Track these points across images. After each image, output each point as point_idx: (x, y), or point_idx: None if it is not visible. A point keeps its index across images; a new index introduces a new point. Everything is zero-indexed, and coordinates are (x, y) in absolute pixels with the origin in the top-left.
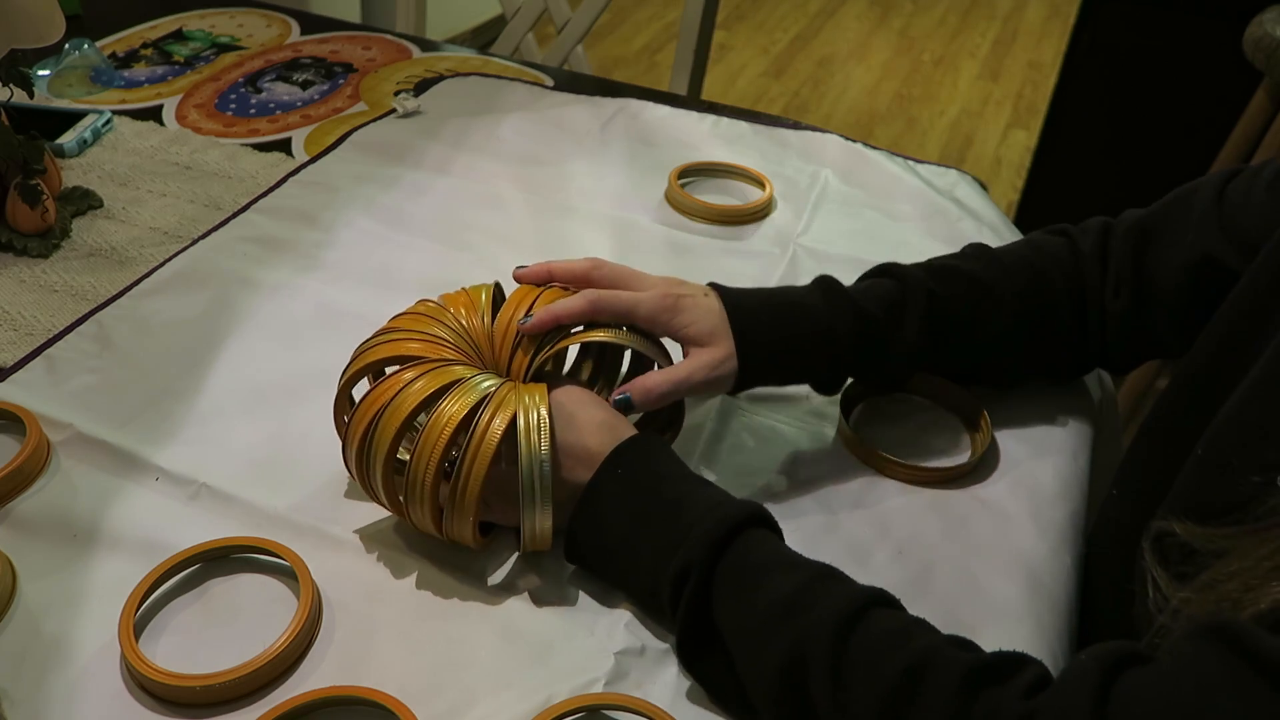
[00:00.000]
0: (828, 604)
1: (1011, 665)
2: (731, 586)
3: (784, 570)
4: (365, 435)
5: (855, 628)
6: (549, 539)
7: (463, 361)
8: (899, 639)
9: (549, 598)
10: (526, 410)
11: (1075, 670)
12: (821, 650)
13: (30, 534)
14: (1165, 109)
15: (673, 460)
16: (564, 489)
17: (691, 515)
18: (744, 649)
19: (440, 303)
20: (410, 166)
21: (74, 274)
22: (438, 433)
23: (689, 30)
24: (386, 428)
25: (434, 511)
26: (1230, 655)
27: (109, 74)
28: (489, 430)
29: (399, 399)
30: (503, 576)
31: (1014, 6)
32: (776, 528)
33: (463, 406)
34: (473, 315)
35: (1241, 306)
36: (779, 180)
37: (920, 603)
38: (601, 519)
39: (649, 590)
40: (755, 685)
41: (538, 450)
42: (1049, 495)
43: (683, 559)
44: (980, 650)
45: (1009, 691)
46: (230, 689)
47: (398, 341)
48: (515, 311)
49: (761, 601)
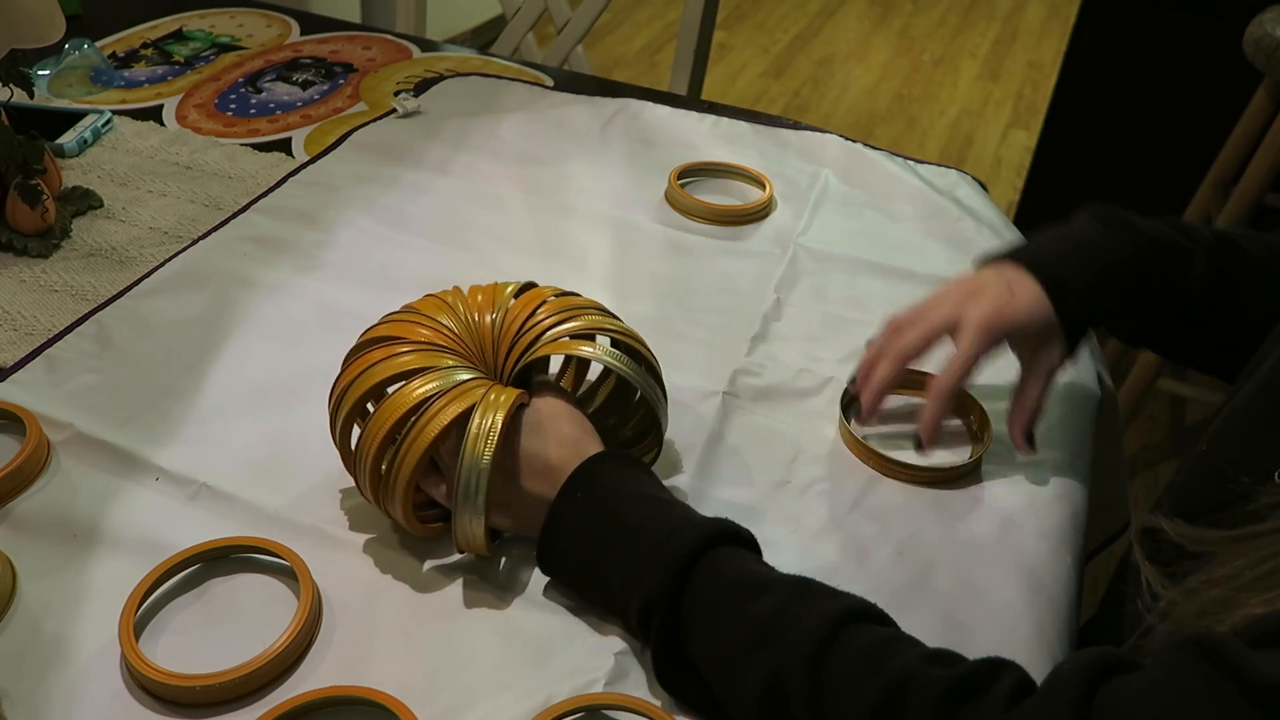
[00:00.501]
0: (801, 627)
1: (988, 674)
2: (701, 618)
3: (753, 594)
4: (341, 392)
5: (830, 651)
6: (481, 544)
7: (457, 353)
8: (875, 660)
9: (549, 598)
10: (483, 412)
11: (1056, 679)
12: (799, 679)
13: (30, 534)
14: (1165, 109)
15: (638, 479)
16: (519, 496)
17: (650, 546)
18: (720, 679)
19: (464, 294)
20: (410, 166)
21: (74, 274)
22: (392, 409)
23: (689, 30)
24: (358, 389)
25: (373, 484)
26: (1213, 672)
27: (109, 74)
28: (435, 418)
29: (378, 366)
30: (503, 576)
31: (1014, 6)
32: (745, 538)
33: (426, 391)
34: (486, 312)
35: None
36: (779, 180)
37: (920, 603)
38: (564, 547)
39: (620, 616)
40: (736, 713)
41: (479, 456)
42: (1049, 495)
43: (645, 593)
44: (960, 661)
45: (988, 703)
46: (230, 689)
47: (410, 324)
48: (511, 313)
49: (733, 631)
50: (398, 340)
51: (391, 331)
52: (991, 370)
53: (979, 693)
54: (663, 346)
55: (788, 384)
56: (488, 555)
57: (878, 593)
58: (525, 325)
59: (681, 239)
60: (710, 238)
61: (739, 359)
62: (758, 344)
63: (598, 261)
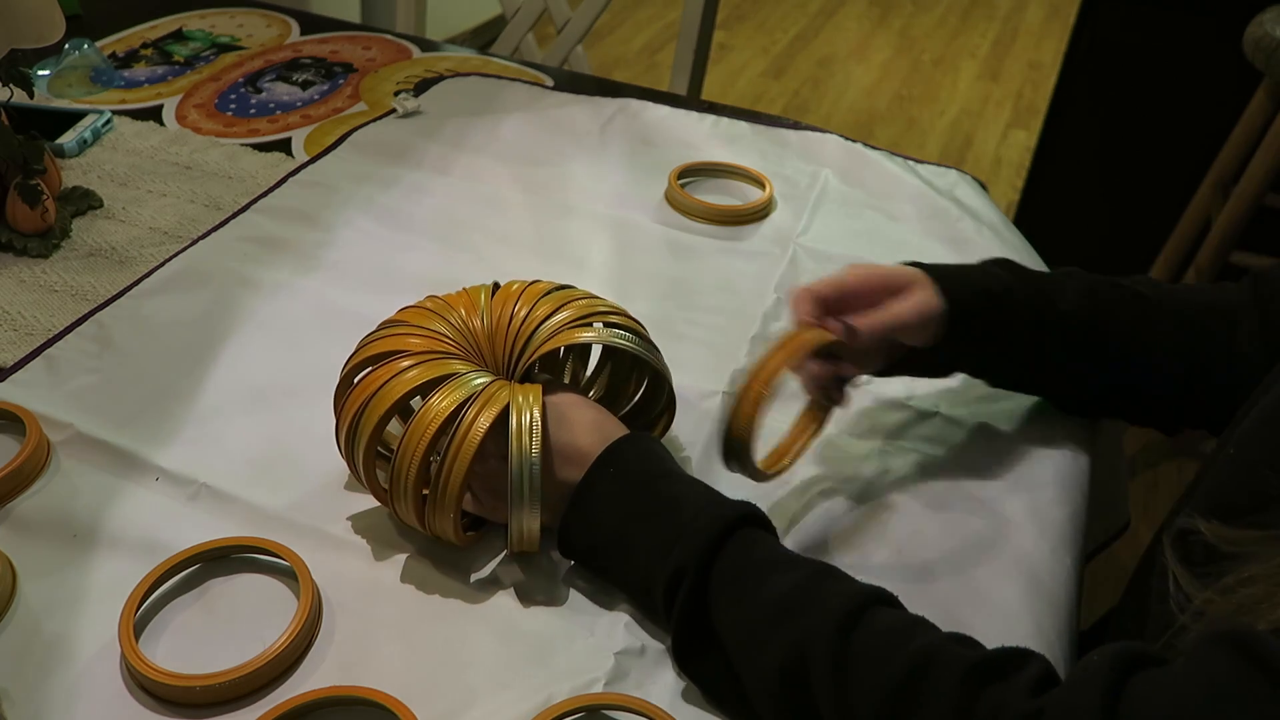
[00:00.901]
0: (828, 603)
1: (1015, 661)
2: (728, 586)
3: (782, 569)
4: (353, 420)
5: (856, 627)
6: (536, 540)
7: (460, 357)
8: (901, 637)
9: (549, 598)
10: (519, 410)
11: (1085, 669)
12: (823, 650)
13: (30, 534)
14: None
15: (665, 458)
16: (555, 488)
17: (684, 514)
18: (743, 649)
19: (445, 300)
20: (410, 166)
21: (74, 274)
22: (424, 427)
23: (689, 30)
24: (373, 414)
25: (416, 505)
26: (1243, 663)
27: (109, 74)
28: (474, 427)
29: (389, 386)
30: (503, 577)
31: (1014, 6)
32: (771, 527)
33: (451, 402)
34: (472, 315)
35: None
36: (779, 180)
37: (920, 603)
38: (593, 518)
39: (643, 589)
40: (755, 686)
41: (529, 452)
42: (1049, 495)
43: (677, 559)
44: (983, 647)
45: (1013, 688)
46: (230, 689)
47: (400, 336)
48: (506, 309)
49: (760, 601)
50: (397, 355)
51: (386, 347)
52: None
53: (1004, 676)
54: (663, 346)
55: (787, 384)
56: (537, 552)
57: None
58: (524, 321)
59: (681, 239)
60: (710, 238)
61: (739, 359)
62: (758, 344)
63: (598, 261)
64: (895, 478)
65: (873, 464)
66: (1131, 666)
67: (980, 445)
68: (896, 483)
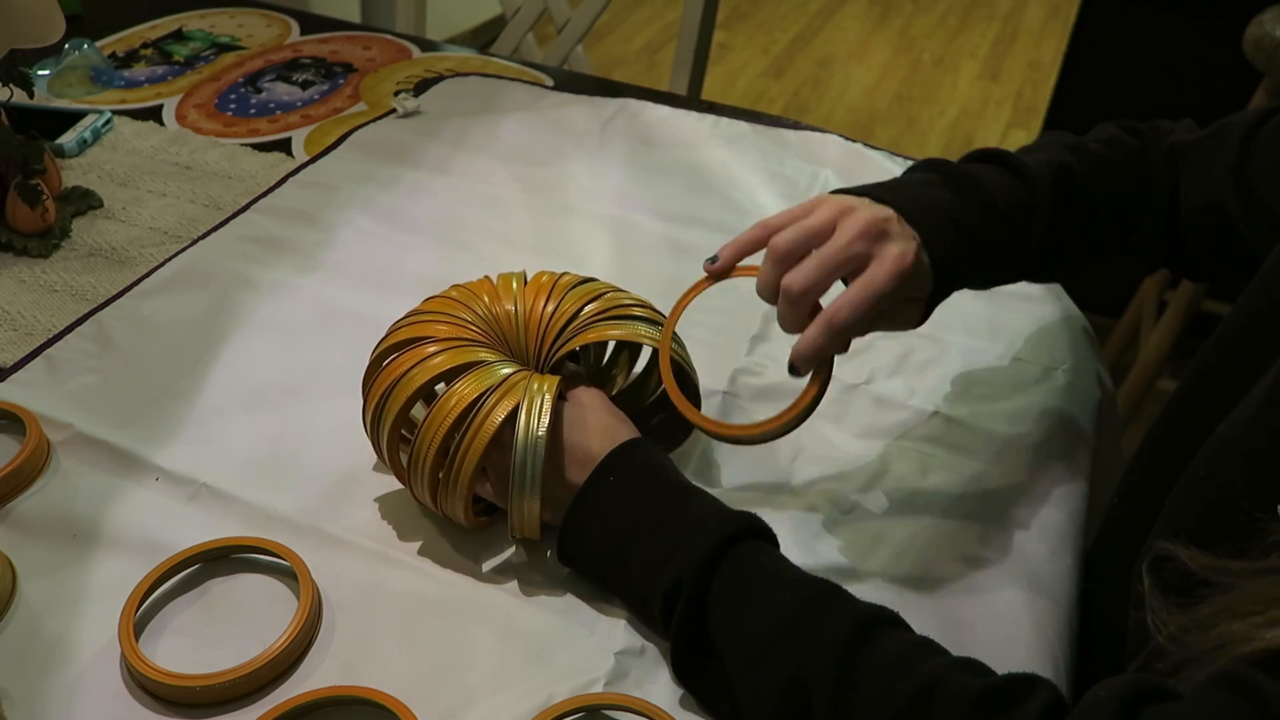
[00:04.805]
0: (831, 624)
1: (1021, 689)
2: (728, 604)
3: (784, 587)
4: (379, 402)
5: (861, 650)
6: (537, 526)
7: (486, 345)
8: (906, 662)
9: (549, 597)
10: (531, 395)
11: (1092, 704)
12: (825, 674)
13: (30, 534)
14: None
15: (666, 467)
16: (563, 489)
17: (683, 528)
18: (742, 669)
19: (469, 289)
20: (410, 166)
21: (74, 274)
22: (445, 411)
23: (689, 30)
24: (399, 397)
25: (432, 486)
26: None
27: (109, 74)
28: (491, 413)
29: (415, 370)
30: (503, 577)
31: (1014, 6)
32: (773, 538)
33: (474, 389)
34: (496, 303)
35: (1242, 320)
36: (779, 180)
37: (920, 603)
38: (590, 528)
39: (640, 600)
40: (753, 706)
41: (534, 434)
42: (1049, 496)
43: (674, 574)
44: (991, 673)
45: (1020, 718)
46: (230, 689)
47: (428, 323)
48: (539, 301)
49: (761, 620)
50: (423, 341)
51: (414, 333)
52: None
53: (1011, 706)
54: None
55: (788, 384)
56: (538, 539)
57: (878, 593)
58: (554, 315)
59: (682, 239)
60: (710, 238)
61: (739, 359)
62: (758, 344)
63: (598, 261)
64: (895, 478)
65: (873, 464)
66: (1140, 702)
67: (980, 445)
68: (896, 483)
